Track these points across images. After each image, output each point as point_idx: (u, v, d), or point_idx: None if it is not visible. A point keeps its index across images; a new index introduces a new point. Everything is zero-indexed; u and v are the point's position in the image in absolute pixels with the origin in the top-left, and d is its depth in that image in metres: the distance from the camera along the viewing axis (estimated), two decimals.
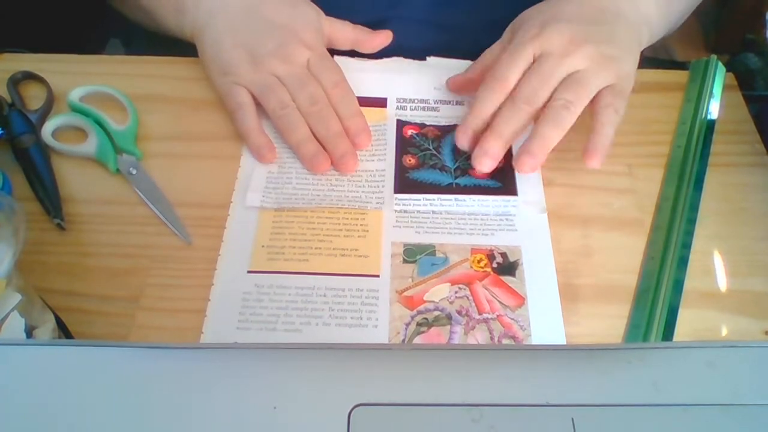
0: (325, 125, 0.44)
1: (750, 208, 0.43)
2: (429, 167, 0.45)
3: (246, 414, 0.21)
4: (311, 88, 0.44)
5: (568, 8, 0.45)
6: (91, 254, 0.40)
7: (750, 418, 0.22)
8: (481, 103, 0.43)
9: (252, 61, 0.45)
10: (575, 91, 0.41)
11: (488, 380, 0.22)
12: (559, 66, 0.42)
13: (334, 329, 0.37)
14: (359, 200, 0.43)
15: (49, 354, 0.23)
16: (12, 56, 0.50)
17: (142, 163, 0.44)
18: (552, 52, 0.42)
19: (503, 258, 0.40)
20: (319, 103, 0.44)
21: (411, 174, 0.44)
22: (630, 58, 0.44)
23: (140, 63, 0.51)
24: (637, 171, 0.45)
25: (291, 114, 0.44)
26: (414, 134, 0.47)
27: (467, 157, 0.44)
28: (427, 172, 0.44)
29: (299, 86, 0.44)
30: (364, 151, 0.45)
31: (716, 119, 0.48)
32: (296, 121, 0.44)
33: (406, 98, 0.49)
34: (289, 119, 0.44)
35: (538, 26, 0.43)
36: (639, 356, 0.23)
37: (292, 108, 0.44)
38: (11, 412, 0.21)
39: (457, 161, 0.45)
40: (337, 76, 0.46)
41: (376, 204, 0.43)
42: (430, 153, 0.45)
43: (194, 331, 0.36)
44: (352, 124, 0.45)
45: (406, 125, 0.47)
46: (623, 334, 0.37)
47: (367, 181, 0.44)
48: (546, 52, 0.42)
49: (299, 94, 0.44)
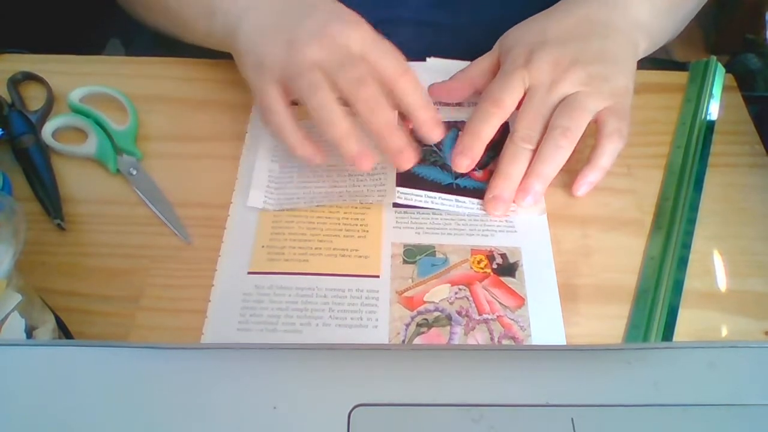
0: (377, 116, 0.38)
1: (750, 209, 0.43)
2: (430, 164, 0.45)
3: (246, 414, 0.21)
4: (358, 69, 0.38)
5: (555, 26, 0.44)
6: (91, 254, 0.40)
7: (750, 418, 0.22)
8: (477, 125, 0.42)
9: (287, 44, 0.39)
10: (570, 116, 0.40)
11: (488, 380, 0.22)
12: (549, 96, 0.41)
13: (335, 330, 0.37)
14: (360, 194, 0.43)
15: (49, 354, 0.23)
16: (12, 57, 0.50)
17: (142, 163, 0.44)
18: (541, 82, 0.42)
19: (503, 259, 0.40)
20: (369, 88, 0.37)
21: (413, 168, 0.44)
22: (623, 73, 0.43)
23: (140, 63, 0.51)
24: (636, 171, 0.45)
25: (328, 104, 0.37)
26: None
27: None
28: (428, 168, 0.44)
29: (342, 69, 0.38)
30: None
31: (716, 120, 0.48)
32: (336, 110, 0.37)
33: None
34: (327, 110, 0.37)
35: (525, 53, 0.43)
36: (639, 356, 0.23)
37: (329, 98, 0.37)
38: (11, 412, 0.21)
39: None
40: (401, 59, 0.40)
41: (378, 197, 0.42)
42: (431, 150, 0.45)
43: (194, 331, 0.36)
44: (427, 116, 0.40)
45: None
46: (623, 334, 0.37)
47: (368, 175, 0.44)
48: (535, 84, 0.42)
49: (343, 78, 0.37)
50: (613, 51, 0.43)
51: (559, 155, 0.40)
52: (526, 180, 0.41)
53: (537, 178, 0.41)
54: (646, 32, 0.46)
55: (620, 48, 0.44)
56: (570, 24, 0.44)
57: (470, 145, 0.42)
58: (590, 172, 0.42)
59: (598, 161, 0.41)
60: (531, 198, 0.41)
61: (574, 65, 0.42)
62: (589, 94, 0.41)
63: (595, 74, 0.41)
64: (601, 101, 0.41)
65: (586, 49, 0.42)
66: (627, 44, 0.45)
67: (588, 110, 0.41)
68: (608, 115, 0.41)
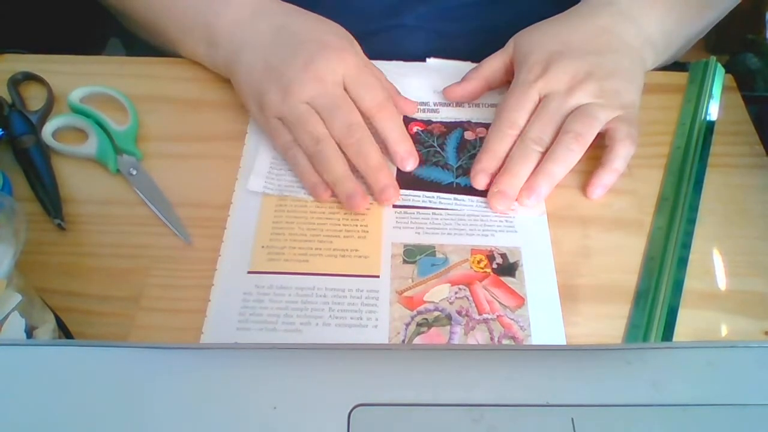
0: (364, 158, 0.41)
1: (749, 209, 0.43)
2: (432, 164, 0.45)
3: (246, 414, 0.21)
4: (347, 113, 0.41)
5: (572, 36, 0.45)
6: (91, 254, 0.40)
7: (750, 418, 0.22)
8: (494, 145, 0.43)
9: (281, 88, 0.42)
10: (583, 122, 0.42)
11: (488, 380, 0.22)
12: (564, 104, 0.42)
13: (334, 329, 0.37)
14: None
15: (49, 354, 0.23)
16: (12, 57, 0.50)
17: (142, 163, 0.44)
18: (557, 91, 0.43)
19: (503, 259, 0.40)
20: (356, 133, 0.41)
21: (413, 172, 0.44)
22: (633, 88, 0.45)
23: (140, 63, 0.51)
24: (636, 171, 0.45)
25: (325, 149, 0.41)
26: (419, 131, 0.47)
27: (470, 156, 0.44)
28: (430, 169, 0.44)
29: (333, 112, 0.41)
30: None
31: (716, 120, 0.48)
32: (331, 156, 0.41)
33: None
34: (324, 155, 0.41)
35: (542, 63, 0.44)
36: (639, 356, 0.23)
37: (326, 142, 0.41)
38: (11, 412, 0.21)
39: (460, 160, 0.45)
40: (378, 94, 0.43)
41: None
42: (434, 150, 0.45)
43: (194, 331, 0.36)
44: (401, 150, 0.43)
45: (413, 122, 0.47)
46: (623, 334, 0.37)
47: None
48: (551, 93, 0.43)
49: (334, 122, 0.41)
50: (625, 66, 0.45)
51: (569, 157, 0.41)
52: (533, 178, 0.42)
53: (545, 177, 0.41)
54: (654, 49, 0.48)
55: (632, 64, 0.45)
56: (587, 35, 0.45)
57: (488, 165, 0.43)
58: (605, 175, 0.43)
59: (613, 164, 0.42)
60: (535, 198, 0.41)
61: (590, 78, 0.43)
62: (602, 105, 0.42)
63: (608, 89, 0.43)
64: (611, 112, 0.43)
65: (601, 64, 0.44)
66: (638, 60, 0.46)
67: (599, 120, 0.42)
68: (619, 122, 0.43)
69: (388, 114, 0.43)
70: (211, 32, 0.47)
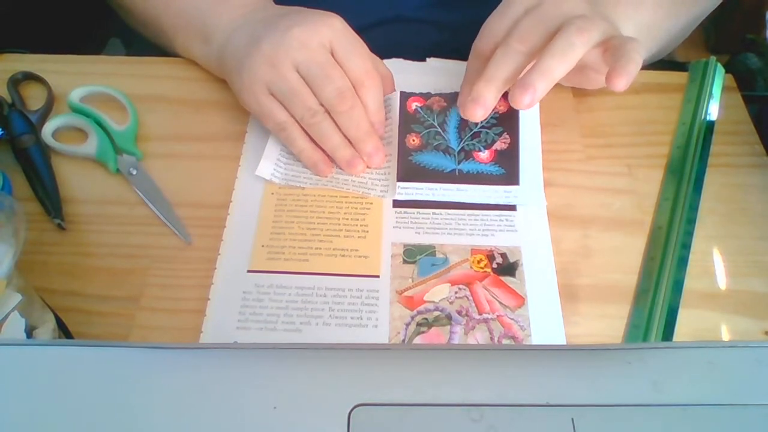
0: (355, 125, 0.42)
1: (749, 209, 0.43)
2: (432, 149, 0.44)
3: (246, 414, 0.21)
4: (336, 81, 0.41)
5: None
6: (91, 254, 0.40)
7: (750, 418, 0.22)
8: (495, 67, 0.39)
9: (268, 58, 0.41)
10: (585, 19, 0.37)
11: (488, 380, 0.22)
12: (557, 9, 0.38)
13: (334, 329, 0.37)
14: (364, 186, 0.43)
15: (49, 354, 0.23)
16: (12, 56, 0.50)
17: (142, 163, 0.44)
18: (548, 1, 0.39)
19: (503, 258, 0.40)
20: (347, 101, 0.41)
21: (414, 157, 0.44)
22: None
23: (140, 63, 0.51)
24: (636, 171, 0.45)
25: (322, 122, 0.42)
26: (418, 107, 0.46)
27: (473, 135, 0.44)
28: (431, 155, 0.44)
29: (323, 81, 0.41)
30: None
31: (716, 120, 0.48)
32: (328, 127, 0.42)
33: None
34: (321, 127, 0.42)
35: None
36: (639, 356, 0.23)
37: (321, 115, 0.41)
38: (11, 412, 0.21)
39: (462, 140, 0.44)
40: (365, 62, 0.42)
41: (381, 192, 0.43)
42: (434, 131, 0.45)
43: (194, 330, 0.36)
44: (376, 119, 0.43)
45: (411, 97, 0.46)
46: (623, 334, 0.37)
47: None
48: (542, 2, 0.39)
49: (324, 91, 0.41)
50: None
51: (570, 53, 0.36)
52: (528, 74, 0.37)
53: (542, 73, 0.36)
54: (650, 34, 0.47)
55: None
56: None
57: (484, 91, 0.38)
58: (627, 64, 0.36)
59: (631, 54, 0.36)
60: (530, 96, 0.36)
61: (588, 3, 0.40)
62: (601, 18, 0.39)
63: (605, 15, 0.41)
64: (608, 28, 0.39)
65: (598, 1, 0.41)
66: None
67: (600, 28, 0.38)
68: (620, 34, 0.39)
69: (371, 80, 0.42)
70: (207, 30, 0.47)
